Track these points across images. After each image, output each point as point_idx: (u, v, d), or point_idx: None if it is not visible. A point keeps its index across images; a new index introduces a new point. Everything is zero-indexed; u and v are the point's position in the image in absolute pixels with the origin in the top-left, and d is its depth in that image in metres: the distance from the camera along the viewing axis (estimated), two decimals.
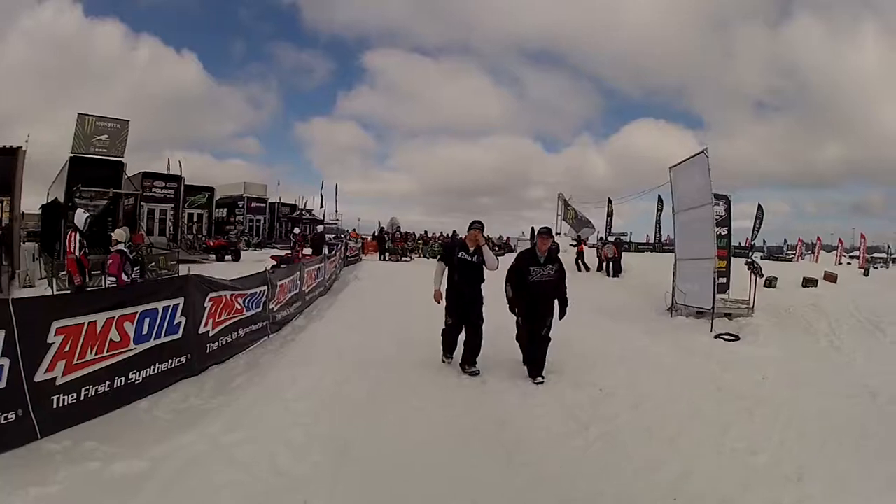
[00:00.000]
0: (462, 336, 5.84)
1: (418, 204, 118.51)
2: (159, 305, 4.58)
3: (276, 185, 33.89)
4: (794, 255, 53.33)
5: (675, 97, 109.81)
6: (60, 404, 3.67)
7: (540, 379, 5.47)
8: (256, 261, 17.70)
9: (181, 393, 4.67)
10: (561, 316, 5.74)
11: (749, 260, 12.56)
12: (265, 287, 6.97)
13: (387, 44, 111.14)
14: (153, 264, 12.49)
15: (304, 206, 33.83)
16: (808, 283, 17.20)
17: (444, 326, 5.94)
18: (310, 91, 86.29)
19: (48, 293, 9.22)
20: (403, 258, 22.83)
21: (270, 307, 7.17)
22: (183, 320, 4.82)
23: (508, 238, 34.75)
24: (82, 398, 3.83)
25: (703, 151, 10.26)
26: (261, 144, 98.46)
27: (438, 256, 6.36)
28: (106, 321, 4.01)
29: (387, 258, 22.82)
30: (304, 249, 17.82)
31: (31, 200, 18.76)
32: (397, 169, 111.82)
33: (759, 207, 37.15)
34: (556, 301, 5.73)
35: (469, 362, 5.70)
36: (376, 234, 30.22)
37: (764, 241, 73.14)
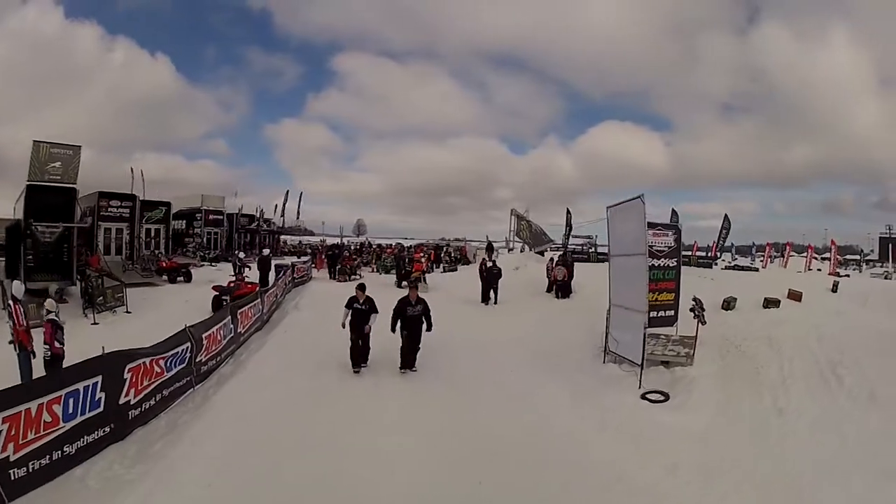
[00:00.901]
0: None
1: (386, 205, 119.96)
2: (80, 386, 5.49)
3: (234, 196, 34.22)
4: (763, 258, 54.19)
5: (642, 100, 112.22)
6: (16, 476, 4.71)
7: (411, 370, 9.52)
8: (209, 281, 18.40)
9: (108, 460, 5.59)
10: (428, 329, 9.81)
11: (692, 306, 11.67)
12: (188, 343, 7.66)
13: (356, 48, 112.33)
14: (101, 298, 13.10)
15: (261, 215, 33.85)
16: (770, 303, 16.20)
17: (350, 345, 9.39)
18: (279, 94, 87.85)
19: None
20: (353, 277, 22.19)
21: (197, 360, 7.90)
22: (103, 395, 5.71)
23: (465, 250, 35.01)
24: (31, 470, 4.86)
25: (639, 197, 10.02)
26: (230, 146, 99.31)
27: (346, 302, 9.61)
28: (38, 407, 4.96)
29: (336, 277, 22.92)
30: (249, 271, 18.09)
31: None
32: (365, 170, 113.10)
33: (726, 217, 37.99)
34: (423, 324, 9.74)
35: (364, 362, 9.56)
36: (332, 246, 30.65)
37: (732, 244, 74.40)
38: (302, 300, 17.33)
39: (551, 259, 20.55)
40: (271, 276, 18.70)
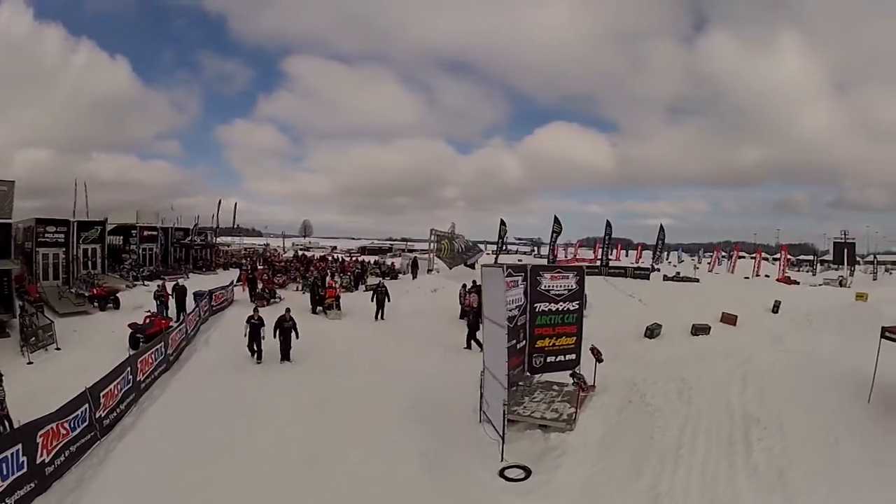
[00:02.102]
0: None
1: (334, 204, 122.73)
2: (8, 454, 7.48)
3: (170, 209, 35.48)
4: (711, 260, 56.36)
5: (588, 103, 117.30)
6: None
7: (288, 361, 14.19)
8: (136, 307, 19.95)
9: None
10: (296, 336, 14.52)
11: (591, 347, 11.63)
12: (87, 405, 9.06)
13: (306, 52, 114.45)
14: (34, 339, 14.78)
15: (195, 228, 34.45)
16: (699, 330, 15.25)
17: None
18: (231, 96, 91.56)
19: None
20: (273, 300, 22.30)
21: (97, 416, 9.39)
22: (25, 459, 7.71)
23: (395, 265, 35.55)
24: None
25: (501, 266, 9.93)
26: (182, 146, 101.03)
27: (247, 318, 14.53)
28: None
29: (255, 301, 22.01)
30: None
31: None
32: (313, 170, 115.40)
33: (661, 228, 39.77)
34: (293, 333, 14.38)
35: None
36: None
37: (679, 247, 76.78)
38: (213, 333, 17.49)
39: (464, 285, 20.70)
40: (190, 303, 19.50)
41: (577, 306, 11.72)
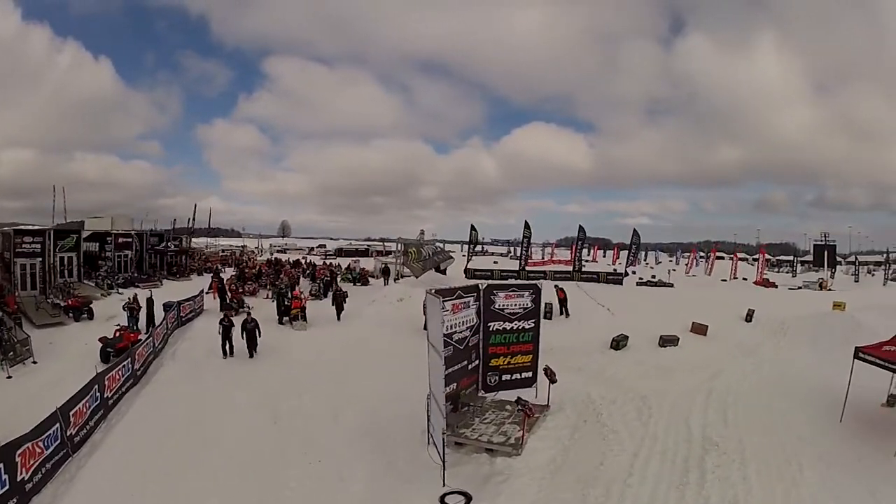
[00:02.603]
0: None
1: (312, 204, 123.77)
2: None
3: (146, 215, 36.15)
4: (688, 261, 56.90)
5: (565, 104, 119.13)
6: None
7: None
8: (109, 317, 20.47)
9: None
10: (259, 335, 17.57)
11: (545, 367, 11.52)
12: (58, 424, 9.64)
13: (287, 53, 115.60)
14: (12, 353, 15.44)
15: (172, 230, 34.65)
16: (667, 342, 14.95)
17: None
18: (212, 97, 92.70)
19: None
20: (242, 309, 21.73)
21: (69, 434, 10.00)
22: (7, 477, 8.54)
23: (366, 272, 35.41)
24: None
25: (439, 298, 9.77)
26: (163, 147, 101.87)
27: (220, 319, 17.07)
28: None
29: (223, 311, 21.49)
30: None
31: None
32: (292, 170, 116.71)
33: (635, 232, 39.80)
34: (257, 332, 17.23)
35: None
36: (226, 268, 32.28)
37: (656, 249, 76.81)
38: (181, 346, 17.82)
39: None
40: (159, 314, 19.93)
41: (532, 324, 11.77)
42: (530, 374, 11.82)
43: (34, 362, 16.02)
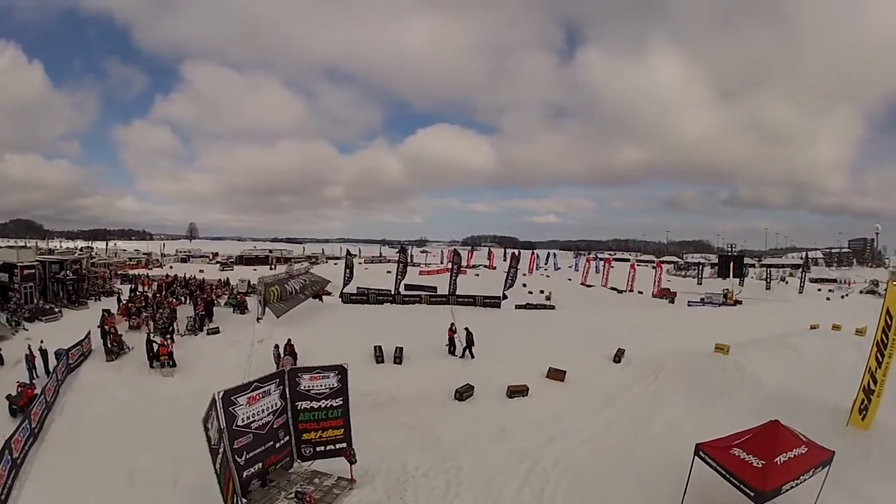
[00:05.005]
0: None
1: (221, 203, 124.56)
2: None
3: (47, 243, 35.09)
4: (583, 272, 57.22)
5: (467, 108, 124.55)
6: None
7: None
8: (17, 361, 19.47)
9: None
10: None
11: (344, 451, 11.61)
12: None
13: (201, 59, 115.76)
14: None
15: (69, 262, 32.70)
16: (516, 392, 13.62)
17: None
18: (129, 99, 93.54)
19: None
20: (122, 352, 20.37)
21: None
22: None
23: (244, 300, 32.06)
24: None
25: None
26: (82, 147, 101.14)
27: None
28: None
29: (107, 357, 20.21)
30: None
31: None
32: (202, 170, 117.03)
33: (514, 256, 38.53)
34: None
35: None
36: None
37: (555, 254, 77.62)
38: (69, 398, 16.13)
39: (290, 340, 19.40)
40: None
41: (341, 402, 12.13)
42: (344, 444, 12.12)
43: None
